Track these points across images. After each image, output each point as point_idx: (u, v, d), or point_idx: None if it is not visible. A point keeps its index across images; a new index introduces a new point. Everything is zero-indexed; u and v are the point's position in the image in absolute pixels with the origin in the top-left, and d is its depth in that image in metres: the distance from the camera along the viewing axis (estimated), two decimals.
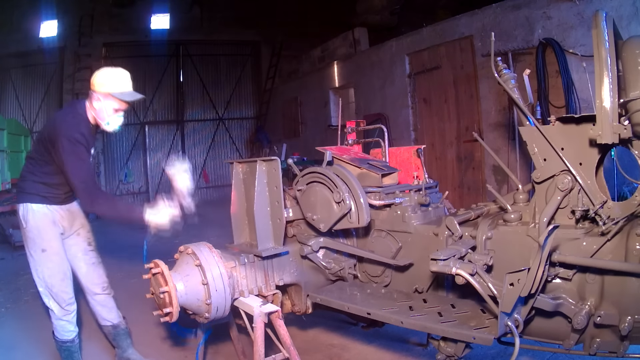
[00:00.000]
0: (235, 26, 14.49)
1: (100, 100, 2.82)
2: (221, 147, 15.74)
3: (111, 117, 2.89)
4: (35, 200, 2.90)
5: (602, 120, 2.05)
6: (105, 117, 2.87)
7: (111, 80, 2.82)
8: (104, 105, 2.83)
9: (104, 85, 2.80)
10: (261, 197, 2.91)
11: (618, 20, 4.04)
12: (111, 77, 2.83)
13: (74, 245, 3.14)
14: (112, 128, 2.94)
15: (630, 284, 2.08)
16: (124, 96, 2.85)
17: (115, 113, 2.89)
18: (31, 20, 12.73)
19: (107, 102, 2.83)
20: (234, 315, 3.03)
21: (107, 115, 2.87)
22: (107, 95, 2.81)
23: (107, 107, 2.84)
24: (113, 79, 2.83)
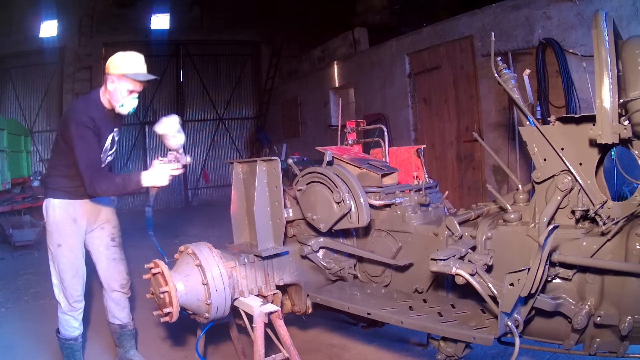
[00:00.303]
0: (235, 26, 14.49)
1: (115, 82, 2.86)
2: (221, 147, 15.73)
3: (125, 99, 2.92)
4: (58, 195, 2.94)
5: (602, 120, 2.05)
6: (120, 98, 2.90)
7: (126, 62, 2.87)
8: (118, 87, 2.87)
9: (118, 67, 2.85)
10: (261, 197, 2.92)
11: (618, 20, 4.05)
12: (126, 59, 2.88)
13: (97, 239, 3.18)
14: (127, 110, 2.98)
15: (630, 284, 2.08)
16: (138, 76, 2.88)
17: (130, 95, 2.93)
18: (31, 20, 12.73)
19: (122, 84, 2.87)
20: (234, 315, 3.03)
21: (122, 96, 2.90)
22: (121, 76, 2.85)
23: (122, 89, 2.88)
24: (127, 60, 2.88)
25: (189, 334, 3.74)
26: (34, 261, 7.19)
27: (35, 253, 7.70)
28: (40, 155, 13.52)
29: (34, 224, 8.96)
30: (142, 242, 3.27)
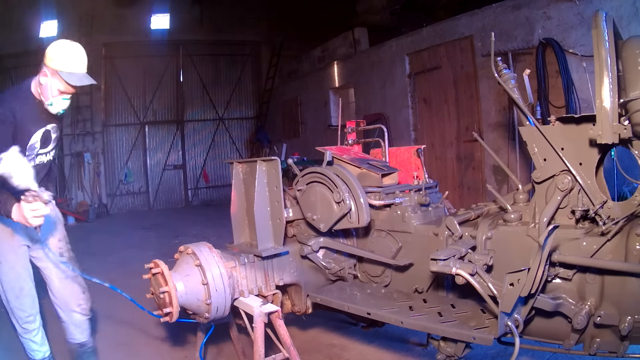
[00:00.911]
0: (235, 26, 14.49)
1: (47, 75, 2.49)
2: (221, 147, 15.74)
3: (55, 98, 2.52)
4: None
5: (602, 120, 2.05)
6: (49, 96, 2.51)
7: (62, 57, 2.47)
8: (50, 82, 2.48)
9: (53, 60, 2.47)
10: (261, 197, 2.92)
11: (618, 20, 4.05)
12: (63, 52, 2.48)
13: (44, 257, 2.82)
14: (55, 110, 2.57)
15: (630, 284, 2.08)
16: (71, 78, 2.46)
17: (60, 95, 2.53)
18: (31, 20, 12.72)
19: (54, 81, 2.48)
20: (234, 315, 3.03)
21: (51, 94, 2.51)
22: (55, 72, 2.47)
23: (53, 86, 2.48)
24: (65, 55, 2.48)
25: (189, 334, 3.74)
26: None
27: None
28: None
29: None
30: (143, 242, 3.26)
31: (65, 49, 2.51)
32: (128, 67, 14.38)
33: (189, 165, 15.29)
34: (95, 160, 13.35)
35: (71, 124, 13.26)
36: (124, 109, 14.54)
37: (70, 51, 2.51)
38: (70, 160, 13.18)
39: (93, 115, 13.49)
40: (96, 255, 7.26)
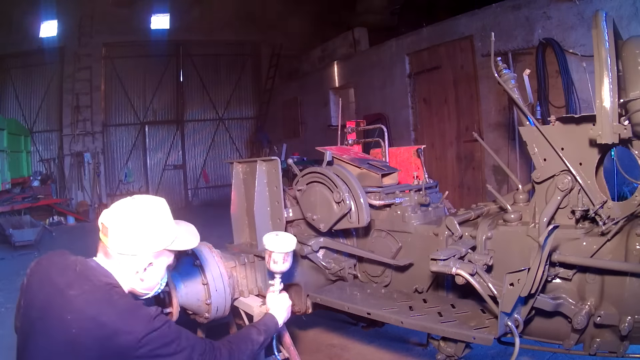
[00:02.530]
0: (235, 26, 14.49)
1: (152, 264, 1.70)
2: (221, 147, 15.75)
3: (163, 278, 1.80)
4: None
5: (602, 120, 2.05)
6: (157, 281, 1.77)
7: (160, 227, 1.70)
8: (156, 267, 1.73)
9: (155, 242, 1.68)
10: (261, 197, 2.91)
11: (618, 20, 4.04)
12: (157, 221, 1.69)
13: None
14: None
15: (630, 284, 2.08)
16: (185, 242, 1.79)
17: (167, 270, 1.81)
18: (31, 20, 12.73)
19: (160, 260, 1.73)
20: (234, 315, 3.03)
21: (159, 277, 1.77)
22: (161, 252, 1.71)
23: (161, 267, 1.75)
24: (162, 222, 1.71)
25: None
26: None
27: (35, 253, 7.69)
28: (40, 155, 13.53)
29: (34, 224, 8.97)
30: None
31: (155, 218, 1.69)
32: (128, 67, 14.39)
33: (189, 165, 15.31)
34: (95, 160, 13.35)
35: (71, 124, 13.27)
36: (124, 109, 14.55)
37: (159, 213, 1.72)
38: (70, 160, 13.19)
39: (93, 115, 13.50)
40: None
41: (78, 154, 13.17)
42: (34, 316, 1.57)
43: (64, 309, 1.51)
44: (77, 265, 1.61)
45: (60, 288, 1.55)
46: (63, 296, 1.53)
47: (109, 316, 1.50)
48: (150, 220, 1.66)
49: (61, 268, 1.62)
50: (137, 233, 1.62)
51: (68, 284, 1.55)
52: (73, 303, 1.51)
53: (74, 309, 1.50)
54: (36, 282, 1.63)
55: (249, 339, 1.93)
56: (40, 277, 1.63)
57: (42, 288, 1.59)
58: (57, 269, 1.62)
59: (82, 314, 1.49)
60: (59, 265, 1.64)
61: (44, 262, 1.67)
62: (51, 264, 1.66)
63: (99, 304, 1.52)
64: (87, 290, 1.54)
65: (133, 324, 1.51)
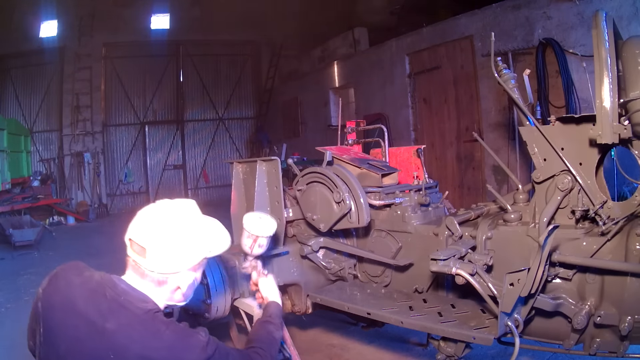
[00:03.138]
0: (235, 26, 14.48)
1: (189, 279, 1.56)
2: (221, 147, 15.75)
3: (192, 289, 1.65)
4: None
5: (602, 120, 2.06)
6: (190, 294, 1.64)
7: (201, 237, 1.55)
8: (194, 280, 1.60)
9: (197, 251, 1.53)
10: (261, 197, 2.92)
11: (618, 20, 4.04)
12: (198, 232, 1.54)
13: None
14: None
15: (630, 284, 2.08)
16: (219, 246, 1.61)
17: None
18: (31, 20, 12.73)
19: (198, 274, 1.61)
20: (234, 315, 3.03)
21: (197, 284, 1.66)
22: (199, 264, 1.58)
23: (196, 280, 1.62)
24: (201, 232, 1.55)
25: None
26: (34, 261, 7.19)
27: (35, 253, 7.70)
28: (40, 155, 13.53)
29: (34, 224, 8.97)
30: None
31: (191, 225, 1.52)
32: (128, 67, 14.39)
33: (189, 165, 15.31)
34: (95, 160, 13.35)
35: (71, 124, 13.27)
36: (124, 109, 14.55)
37: (195, 221, 1.55)
38: (70, 160, 13.19)
39: (93, 115, 13.50)
40: (96, 256, 7.25)
41: (78, 154, 13.17)
42: (62, 349, 1.38)
43: (102, 345, 1.34)
44: (106, 290, 1.41)
45: (91, 320, 1.36)
46: (98, 330, 1.35)
47: (157, 351, 1.36)
48: (189, 231, 1.48)
49: (88, 292, 1.42)
50: (179, 249, 1.45)
51: (102, 316, 1.36)
52: (113, 339, 1.34)
53: (115, 345, 1.34)
54: (58, 308, 1.41)
55: (273, 339, 1.86)
56: (62, 302, 1.42)
57: (67, 316, 1.39)
58: (82, 294, 1.41)
59: (126, 352, 1.33)
60: (83, 288, 1.43)
61: (61, 283, 1.46)
62: (71, 285, 1.44)
63: (143, 338, 1.36)
64: (126, 322, 1.37)
65: (185, 356, 1.39)
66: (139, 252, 1.44)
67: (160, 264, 1.44)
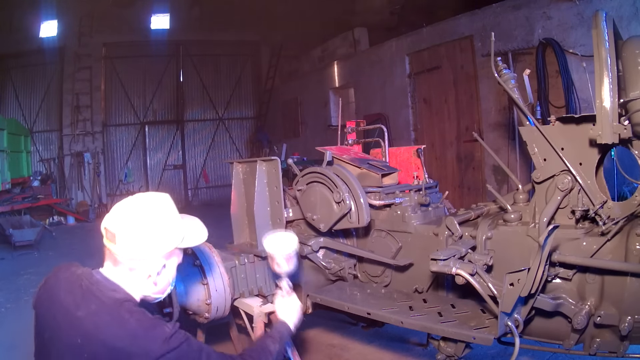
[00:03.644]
0: (235, 26, 14.49)
1: (164, 266, 1.60)
2: (221, 147, 15.75)
3: (173, 278, 1.71)
4: None
5: (602, 120, 2.06)
6: (168, 282, 1.68)
7: (172, 225, 1.60)
8: (168, 269, 1.63)
9: (166, 239, 1.57)
10: (261, 197, 2.92)
11: (618, 20, 4.05)
12: (168, 220, 1.59)
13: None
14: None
15: (630, 284, 2.08)
16: (196, 238, 1.69)
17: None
18: (31, 20, 12.73)
19: (171, 261, 1.64)
20: (234, 315, 3.03)
21: (172, 277, 1.69)
22: (172, 251, 1.61)
23: (172, 268, 1.66)
24: (172, 221, 1.60)
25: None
26: (34, 261, 7.19)
27: (35, 253, 7.70)
28: (40, 155, 13.53)
29: (34, 224, 8.97)
30: None
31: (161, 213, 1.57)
32: (128, 67, 14.39)
33: (189, 165, 15.31)
34: (95, 160, 13.35)
35: (71, 124, 13.28)
36: (124, 109, 14.55)
37: (166, 210, 1.59)
38: (70, 160, 13.19)
39: (93, 115, 13.50)
40: (96, 256, 7.26)
41: (78, 154, 13.17)
42: (46, 337, 1.49)
43: (73, 331, 1.42)
44: (82, 281, 1.50)
45: (67, 308, 1.45)
46: (71, 317, 1.43)
47: (121, 340, 1.40)
48: (158, 219, 1.53)
49: (68, 284, 1.51)
50: (148, 234, 1.49)
51: (75, 304, 1.45)
52: (82, 325, 1.42)
53: (83, 332, 1.41)
54: (46, 300, 1.53)
55: (267, 350, 1.84)
56: (50, 294, 1.53)
57: (51, 307, 1.50)
58: (65, 286, 1.51)
59: (92, 338, 1.40)
60: (66, 281, 1.53)
61: (51, 281, 1.56)
62: (58, 279, 1.55)
63: (108, 326, 1.41)
64: (94, 310, 1.43)
65: (147, 346, 1.41)
66: (110, 238, 1.50)
67: (129, 249, 1.49)
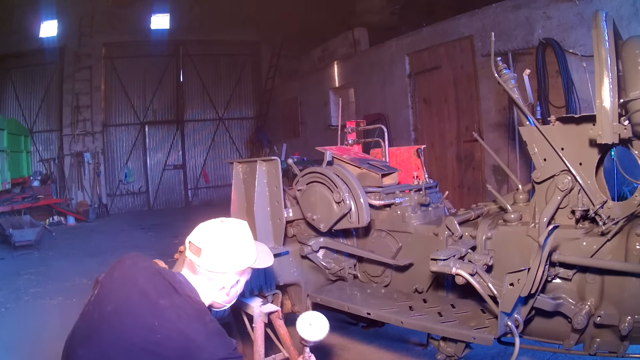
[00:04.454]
0: (235, 26, 14.48)
1: (239, 281, 1.84)
2: (221, 147, 15.75)
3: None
4: None
5: (602, 120, 2.06)
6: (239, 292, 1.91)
7: (248, 249, 1.83)
8: (242, 282, 1.87)
9: (244, 259, 1.80)
10: (261, 197, 2.92)
11: (618, 20, 4.04)
12: (246, 244, 1.82)
13: None
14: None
15: (630, 284, 2.08)
16: (263, 260, 1.92)
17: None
18: (31, 20, 12.73)
19: (244, 277, 1.87)
20: (234, 315, 3.03)
21: (241, 290, 1.91)
22: (244, 270, 1.84)
23: (243, 282, 1.88)
24: (249, 245, 1.83)
25: None
26: (34, 261, 7.19)
27: (35, 253, 7.70)
28: (40, 155, 13.53)
29: (34, 224, 8.96)
30: (143, 242, 3.26)
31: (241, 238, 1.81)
32: (128, 67, 14.39)
33: (189, 165, 15.31)
34: (95, 160, 13.35)
35: (71, 124, 13.28)
36: (124, 109, 14.56)
37: (245, 236, 1.83)
38: (70, 160, 13.19)
39: (93, 115, 13.50)
40: (96, 255, 7.26)
41: (78, 154, 13.17)
42: (108, 309, 1.62)
43: (150, 313, 1.59)
44: (165, 275, 1.71)
45: (146, 293, 1.63)
46: (150, 302, 1.61)
47: (199, 334, 1.59)
48: (239, 241, 1.79)
49: (148, 274, 1.71)
50: (228, 253, 1.75)
51: (158, 293, 1.64)
52: (164, 312, 1.60)
53: (164, 318, 1.59)
54: (118, 278, 1.70)
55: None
56: (124, 275, 1.71)
57: (125, 286, 1.66)
58: (144, 274, 1.70)
59: (172, 325, 1.58)
60: (146, 270, 1.72)
61: (127, 262, 1.75)
62: (136, 265, 1.74)
63: (190, 320, 1.61)
64: (179, 304, 1.63)
65: (217, 347, 1.61)
66: (195, 251, 1.73)
67: (211, 263, 1.72)
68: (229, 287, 1.79)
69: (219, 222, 1.81)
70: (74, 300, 4.93)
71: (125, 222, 11.58)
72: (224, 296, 1.81)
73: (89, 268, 6.23)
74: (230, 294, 1.83)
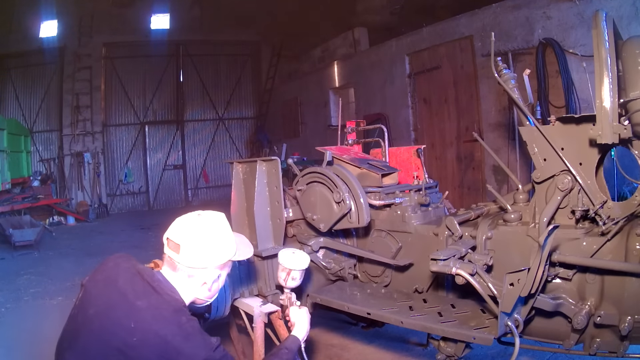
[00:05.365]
0: (235, 26, 14.48)
1: (220, 275, 1.83)
2: (221, 147, 15.75)
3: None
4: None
5: (602, 120, 2.05)
6: (221, 286, 1.90)
7: (228, 241, 1.81)
8: (222, 278, 1.86)
9: (219, 256, 1.77)
10: (261, 197, 2.91)
11: (618, 20, 4.04)
12: (225, 236, 1.80)
13: None
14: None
15: (630, 284, 2.08)
16: (243, 252, 1.92)
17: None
18: (31, 20, 12.73)
19: (224, 272, 1.85)
20: (234, 315, 3.03)
21: (222, 285, 1.91)
22: (225, 264, 1.83)
23: (224, 276, 1.88)
24: (228, 237, 1.82)
25: None
26: (34, 261, 7.19)
27: (35, 253, 7.70)
28: (40, 155, 13.53)
29: (34, 224, 8.97)
30: (143, 242, 3.26)
31: (220, 230, 1.78)
32: (128, 67, 14.39)
33: (189, 165, 15.31)
34: (95, 160, 13.35)
35: (71, 124, 13.27)
36: (124, 109, 14.56)
37: (223, 228, 1.81)
38: (70, 160, 13.19)
39: (93, 115, 13.50)
40: (96, 256, 7.26)
41: (78, 154, 13.17)
42: (90, 312, 1.62)
43: (127, 315, 1.56)
44: (144, 275, 1.68)
45: (125, 295, 1.60)
46: (128, 304, 1.59)
47: (174, 336, 1.56)
48: (218, 235, 1.75)
49: (128, 275, 1.68)
50: (208, 248, 1.71)
51: (136, 294, 1.61)
52: (140, 313, 1.57)
53: (140, 319, 1.56)
54: (101, 280, 1.69)
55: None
56: (106, 277, 1.69)
57: (107, 289, 1.65)
58: (124, 275, 1.67)
59: (148, 326, 1.55)
60: (126, 271, 1.69)
61: (110, 264, 1.74)
62: (118, 266, 1.72)
63: (167, 322, 1.58)
64: (155, 304, 1.60)
65: (196, 349, 1.58)
66: (173, 248, 1.70)
67: (191, 258, 1.69)
68: (211, 282, 1.77)
69: (196, 216, 1.77)
70: (74, 300, 4.92)
71: (125, 222, 11.58)
72: (206, 292, 1.78)
73: (88, 268, 6.18)
74: (212, 288, 1.80)
